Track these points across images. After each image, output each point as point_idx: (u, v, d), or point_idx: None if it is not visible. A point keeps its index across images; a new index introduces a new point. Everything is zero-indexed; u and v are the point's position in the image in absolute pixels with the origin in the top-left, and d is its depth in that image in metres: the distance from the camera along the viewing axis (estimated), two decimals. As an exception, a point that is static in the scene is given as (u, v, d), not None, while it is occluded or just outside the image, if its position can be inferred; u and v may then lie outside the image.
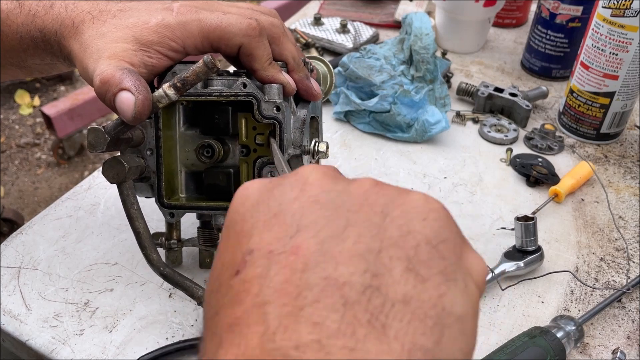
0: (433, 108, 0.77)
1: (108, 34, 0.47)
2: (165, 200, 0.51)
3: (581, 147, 0.80)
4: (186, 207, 0.51)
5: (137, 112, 0.43)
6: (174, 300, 0.57)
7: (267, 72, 0.48)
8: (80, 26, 0.48)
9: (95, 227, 0.64)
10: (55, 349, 0.52)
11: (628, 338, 0.55)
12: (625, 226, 0.67)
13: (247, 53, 0.48)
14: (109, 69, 0.44)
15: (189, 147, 0.52)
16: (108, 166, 0.47)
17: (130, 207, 0.48)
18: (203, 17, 0.47)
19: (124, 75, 0.43)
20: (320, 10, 1.08)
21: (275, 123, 0.48)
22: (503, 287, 0.58)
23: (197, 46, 0.47)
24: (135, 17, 0.47)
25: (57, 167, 2.21)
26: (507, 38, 1.05)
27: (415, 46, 0.79)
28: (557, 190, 0.69)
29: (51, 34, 0.49)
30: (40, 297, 0.56)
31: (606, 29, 0.71)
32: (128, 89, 0.43)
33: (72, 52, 0.48)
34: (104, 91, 0.44)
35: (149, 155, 0.50)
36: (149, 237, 0.48)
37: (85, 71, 0.47)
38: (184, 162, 0.52)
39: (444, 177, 0.73)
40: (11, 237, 0.63)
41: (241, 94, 0.47)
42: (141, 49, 0.46)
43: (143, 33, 0.46)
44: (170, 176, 0.51)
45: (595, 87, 0.75)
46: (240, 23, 0.47)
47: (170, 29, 0.46)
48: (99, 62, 0.45)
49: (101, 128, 0.45)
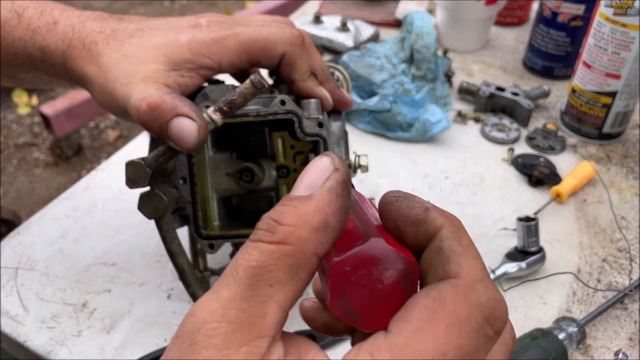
0: (434, 107, 0.77)
1: (133, 55, 0.43)
2: (203, 231, 0.47)
3: (583, 147, 0.79)
4: (226, 236, 0.48)
5: (200, 139, 0.40)
6: (173, 301, 0.56)
7: (306, 83, 0.46)
8: (93, 47, 0.44)
9: (93, 227, 0.64)
10: (53, 350, 0.51)
11: (630, 339, 0.55)
12: (627, 227, 0.67)
13: (289, 62, 0.46)
14: (156, 93, 0.40)
15: (220, 171, 0.49)
16: (145, 201, 0.43)
17: (171, 244, 0.44)
18: (240, 32, 0.44)
19: (176, 100, 0.40)
20: (321, 8, 1.07)
21: (319, 140, 0.45)
22: (505, 288, 0.58)
23: (233, 62, 0.45)
24: (161, 36, 0.44)
25: (55, 166, 2.20)
26: (509, 37, 1.04)
27: (417, 45, 0.78)
28: (559, 190, 0.69)
29: (56, 55, 0.45)
30: (37, 297, 0.56)
31: (608, 28, 0.71)
32: (186, 114, 0.39)
33: (87, 76, 0.44)
34: (154, 118, 0.40)
35: (181, 185, 0.46)
36: (193, 273, 0.46)
37: (110, 97, 0.43)
38: (215, 188, 0.49)
39: (445, 177, 0.73)
40: (9, 237, 0.62)
41: (280, 112, 0.45)
42: (173, 68, 0.43)
43: (175, 52, 0.43)
44: (203, 205, 0.48)
45: (597, 86, 0.75)
46: (282, 32, 0.45)
47: (205, 46, 0.44)
48: (132, 86, 0.42)
49: (141, 161, 0.41)
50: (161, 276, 0.58)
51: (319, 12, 1.02)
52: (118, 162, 0.73)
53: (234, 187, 0.49)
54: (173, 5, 3.22)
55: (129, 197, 0.68)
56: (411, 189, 0.71)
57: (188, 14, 3.13)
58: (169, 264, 0.60)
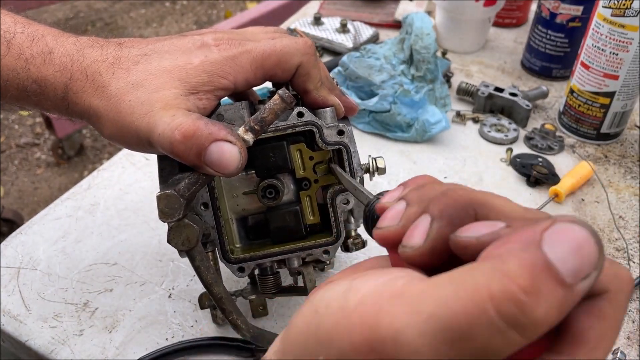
0: (433, 108, 0.77)
1: (145, 82, 0.41)
2: (232, 256, 0.46)
3: (581, 147, 0.79)
4: (256, 257, 0.46)
5: (243, 162, 0.38)
6: (174, 300, 0.57)
7: (320, 92, 0.46)
8: (97, 78, 0.41)
9: (94, 227, 0.64)
10: (55, 349, 0.52)
11: (628, 338, 0.55)
12: (625, 226, 0.67)
13: (305, 72, 0.44)
14: (187, 121, 0.38)
15: (236, 191, 0.47)
16: (175, 232, 0.40)
17: (206, 274, 0.42)
18: (252, 48, 0.43)
19: (210, 125, 0.38)
20: (320, 9, 1.08)
21: (342, 148, 0.44)
22: (503, 287, 0.58)
23: (248, 79, 0.43)
24: (170, 60, 0.42)
25: (56, 167, 2.21)
26: (508, 38, 1.05)
27: (416, 46, 0.79)
28: (557, 190, 0.69)
29: (55, 87, 0.42)
30: (39, 297, 0.56)
31: (606, 29, 0.71)
32: (225, 138, 0.38)
33: (94, 109, 0.41)
34: (189, 147, 0.38)
35: (203, 211, 0.45)
36: (232, 301, 0.44)
37: (126, 130, 0.40)
38: (233, 209, 0.48)
39: (444, 177, 0.73)
40: (11, 237, 0.63)
41: (300, 124, 0.44)
42: (190, 92, 0.41)
43: (189, 75, 0.41)
44: (226, 228, 0.47)
45: (595, 86, 0.75)
46: (295, 43, 0.44)
47: (219, 66, 0.42)
48: (154, 116, 0.39)
49: (174, 192, 0.39)
50: (162, 275, 0.59)
51: (319, 13, 1.02)
52: (119, 162, 0.73)
53: (252, 206, 0.48)
54: (174, 5, 3.22)
55: (131, 197, 0.68)
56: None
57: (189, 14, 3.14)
58: (170, 264, 0.60)
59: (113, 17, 3.07)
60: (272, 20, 1.94)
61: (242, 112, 0.44)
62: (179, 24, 3.07)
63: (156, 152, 0.42)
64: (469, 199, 0.24)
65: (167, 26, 3.04)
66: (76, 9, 3.08)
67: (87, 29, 2.95)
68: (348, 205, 0.46)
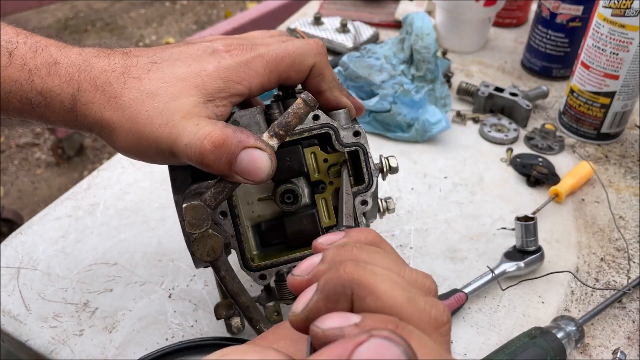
0: (433, 108, 0.77)
1: (160, 91, 0.40)
2: (253, 264, 0.45)
3: (581, 147, 0.79)
4: (277, 263, 0.46)
5: (274, 168, 0.38)
6: (174, 300, 0.56)
7: (334, 92, 0.45)
8: (108, 88, 0.40)
9: (94, 227, 0.64)
10: (55, 349, 0.52)
11: (628, 338, 0.55)
12: (625, 226, 0.67)
13: (319, 73, 0.44)
14: (215, 130, 0.38)
15: (251, 198, 0.47)
16: (200, 243, 0.40)
17: (232, 284, 0.42)
18: (264, 52, 0.43)
19: (238, 132, 0.38)
20: (320, 9, 1.08)
21: (359, 149, 0.44)
22: (503, 288, 0.58)
23: (262, 84, 0.43)
24: (183, 67, 0.41)
25: (56, 167, 2.20)
26: (508, 38, 1.05)
27: (417, 45, 0.79)
28: (557, 190, 0.69)
29: (62, 99, 0.40)
30: (39, 297, 0.56)
31: (607, 29, 0.71)
32: (255, 145, 0.38)
33: (107, 121, 0.40)
34: (219, 156, 0.38)
35: (222, 219, 0.45)
36: (258, 310, 0.44)
37: (144, 141, 0.39)
38: (248, 216, 0.47)
39: (445, 177, 0.73)
40: (10, 237, 0.63)
41: (315, 127, 0.44)
42: (208, 100, 0.40)
43: (205, 82, 0.40)
44: (245, 236, 0.46)
45: (595, 86, 0.75)
46: (307, 44, 0.44)
47: (233, 72, 0.41)
48: (176, 125, 0.38)
49: (201, 203, 0.39)
50: (162, 275, 0.59)
51: (319, 13, 1.02)
52: (119, 162, 0.73)
53: (267, 212, 0.47)
54: (174, 5, 3.22)
55: (130, 197, 0.68)
56: (410, 188, 0.71)
57: (189, 14, 3.14)
58: (170, 264, 0.60)
59: (113, 17, 3.07)
60: (272, 20, 1.94)
61: (258, 118, 0.43)
62: (179, 24, 3.06)
63: (177, 162, 0.41)
64: (350, 279, 0.23)
65: (167, 26, 3.04)
66: (76, 9, 3.08)
67: (87, 29, 2.95)
68: (367, 206, 0.45)
